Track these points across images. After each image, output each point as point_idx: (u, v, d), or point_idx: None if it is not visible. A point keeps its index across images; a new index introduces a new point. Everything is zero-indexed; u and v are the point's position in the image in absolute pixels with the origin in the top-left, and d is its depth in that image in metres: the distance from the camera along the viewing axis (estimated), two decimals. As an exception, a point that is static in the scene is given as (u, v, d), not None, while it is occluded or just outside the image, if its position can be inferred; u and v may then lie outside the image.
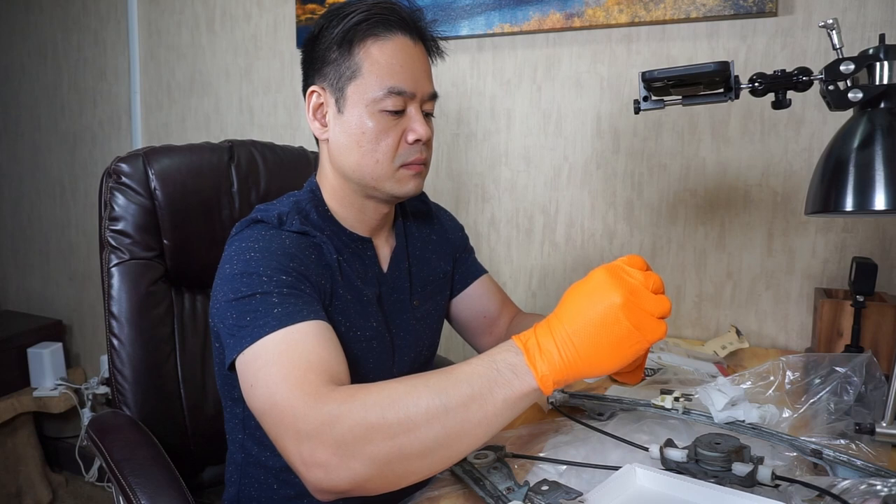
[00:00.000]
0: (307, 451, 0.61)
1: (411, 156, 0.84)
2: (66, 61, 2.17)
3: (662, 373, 1.09)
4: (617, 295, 0.59)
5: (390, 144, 0.82)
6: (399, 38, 0.83)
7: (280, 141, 1.35)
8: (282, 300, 0.72)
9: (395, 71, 0.81)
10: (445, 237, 1.05)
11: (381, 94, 0.81)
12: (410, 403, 0.60)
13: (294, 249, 0.79)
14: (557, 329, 0.60)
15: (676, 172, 1.37)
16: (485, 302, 1.08)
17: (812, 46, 1.24)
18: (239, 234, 0.83)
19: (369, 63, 0.81)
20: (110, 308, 1.02)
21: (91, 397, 2.16)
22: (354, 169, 0.84)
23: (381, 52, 0.81)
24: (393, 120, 0.82)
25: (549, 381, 0.60)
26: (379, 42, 0.82)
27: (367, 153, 0.82)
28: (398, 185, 0.85)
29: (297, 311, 0.72)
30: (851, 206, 0.76)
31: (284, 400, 0.64)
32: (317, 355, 0.69)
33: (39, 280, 2.35)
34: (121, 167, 1.04)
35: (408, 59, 0.83)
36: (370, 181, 0.84)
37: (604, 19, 1.36)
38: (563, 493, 0.66)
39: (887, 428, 0.80)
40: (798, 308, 1.31)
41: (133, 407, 1.02)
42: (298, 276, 0.76)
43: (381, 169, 0.83)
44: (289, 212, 0.84)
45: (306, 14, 1.70)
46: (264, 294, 0.73)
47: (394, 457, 0.60)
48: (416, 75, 0.83)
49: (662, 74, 0.85)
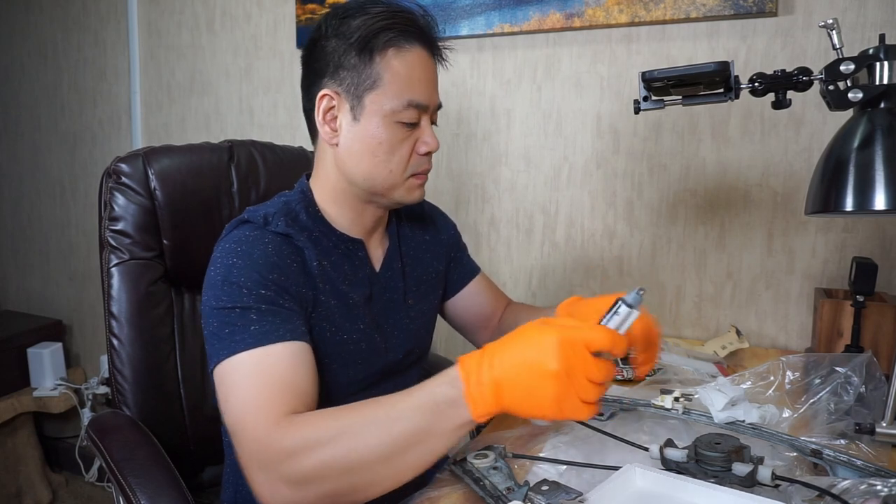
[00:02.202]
0: (265, 480, 0.66)
1: (421, 166, 0.86)
2: (66, 61, 2.17)
3: (662, 373, 1.09)
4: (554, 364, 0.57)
5: (404, 155, 0.84)
6: (418, 51, 0.83)
7: (280, 141, 1.34)
8: (260, 317, 0.74)
9: (414, 84, 0.82)
10: (438, 237, 1.06)
11: (400, 107, 0.81)
12: (362, 444, 0.63)
13: (276, 258, 0.79)
14: (497, 368, 0.60)
15: (676, 172, 1.37)
16: (481, 300, 1.09)
17: (812, 46, 1.24)
18: (227, 237, 0.83)
19: (390, 74, 0.81)
20: (110, 308, 1.02)
21: (91, 397, 2.16)
22: (366, 177, 0.84)
23: (401, 64, 0.82)
24: (407, 132, 0.83)
25: (483, 415, 0.62)
26: (401, 53, 0.82)
27: (381, 163, 0.83)
28: (406, 194, 0.87)
29: (273, 331, 0.74)
30: (851, 206, 0.76)
31: (250, 425, 0.68)
32: (286, 380, 0.71)
33: (39, 280, 2.35)
34: (121, 167, 1.04)
35: (425, 71, 0.84)
36: (380, 189, 0.85)
37: (604, 19, 1.36)
38: (563, 493, 0.66)
39: (887, 428, 0.80)
40: (798, 308, 1.31)
41: (133, 407, 1.02)
42: (279, 289, 0.77)
43: (394, 178, 0.84)
44: (276, 212, 0.84)
45: (306, 14, 1.70)
46: (244, 309, 0.74)
47: (344, 491, 0.65)
48: (430, 88, 0.85)
49: (662, 74, 0.85)
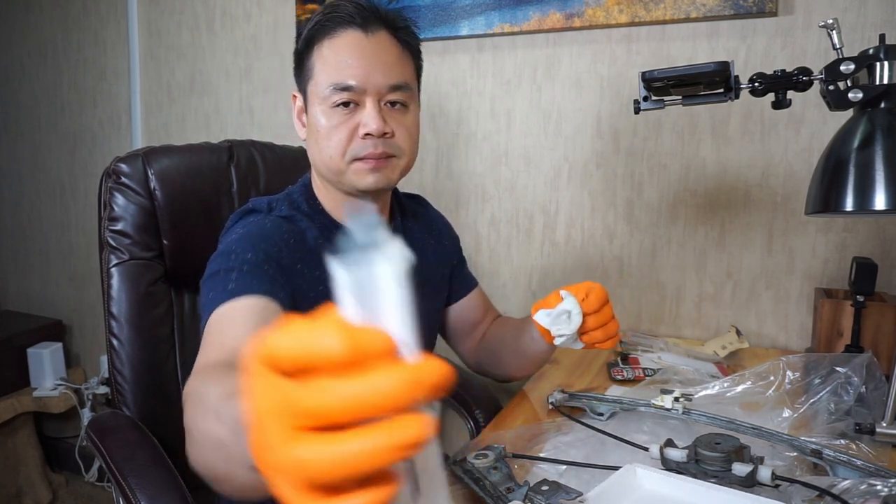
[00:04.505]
0: None
1: (363, 150, 0.83)
2: (66, 61, 2.17)
3: (662, 373, 1.09)
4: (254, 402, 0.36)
5: (341, 140, 0.83)
6: (349, 33, 0.83)
7: (280, 141, 1.35)
8: (239, 276, 0.75)
9: (341, 67, 0.82)
10: (442, 243, 1.07)
11: (327, 92, 0.82)
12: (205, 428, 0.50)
13: (272, 233, 0.82)
14: None
15: (676, 172, 1.37)
16: (475, 312, 1.12)
17: (812, 46, 1.24)
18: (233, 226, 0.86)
19: (321, 63, 0.84)
20: (110, 308, 1.02)
21: (91, 397, 2.16)
22: (318, 164, 0.87)
23: (330, 50, 0.83)
24: (345, 115, 0.83)
25: None
26: (329, 40, 0.83)
27: (323, 149, 0.84)
28: (356, 178, 0.85)
29: (246, 287, 0.74)
30: (851, 206, 0.76)
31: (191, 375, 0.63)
32: (231, 335, 0.69)
33: (39, 280, 2.35)
34: (120, 167, 1.04)
35: (358, 52, 0.82)
36: (330, 175, 0.86)
37: (604, 19, 1.36)
38: (563, 493, 0.66)
39: (887, 428, 0.80)
40: (798, 308, 1.31)
41: (133, 407, 1.02)
42: (267, 257, 0.79)
43: (335, 163, 0.84)
44: (279, 199, 0.88)
45: (306, 14, 1.70)
46: (227, 271, 0.76)
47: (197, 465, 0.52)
48: (367, 68, 0.82)
49: (662, 74, 0.85)
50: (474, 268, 1.59)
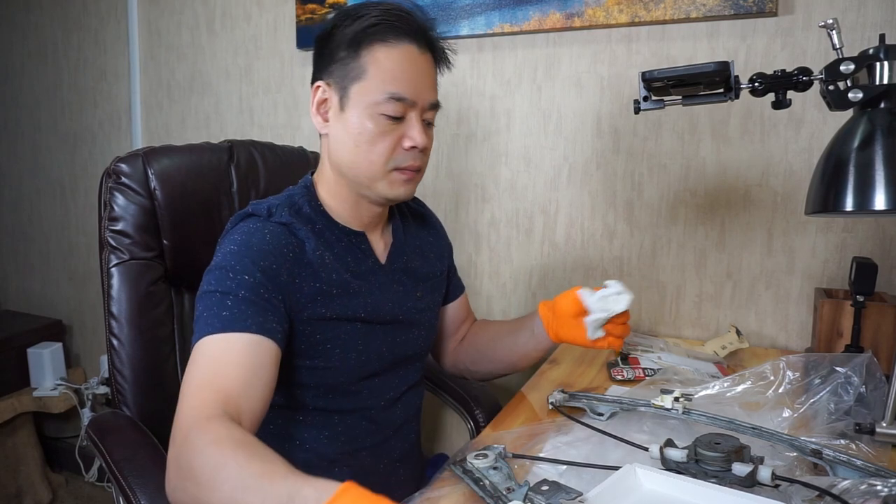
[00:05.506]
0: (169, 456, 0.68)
1: (405, 161, 0.86)
2: (66, 61, 2.17)
3: (662, 373, 1.09)
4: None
5: (386, 147, 0.84)
6: (406, 46, 0.84)
7: (280, 141, 1.35)
8: (235, 303, 0.75)
9: (397, 77, 0.83)
10: (439, 242, 1.08)
11: (381, 98, 0.83)
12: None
13: (272, 246, 0.81)
14: None
15: (676, 172, 1.37)
16: (459, 316, 1.13)
17: (812, 46, 1.24)
18: (232, 230, 0.86)
19: (374, 67, 0.83)
20: (110, 308, 1.02)
21: (91, 397, 2.16)
22: (350, 166, 0.86)
23: (386, 58, 0.83)
24: (391, 124, 0.84)
25: None
26: (386, 47, 0.83)
27: (362, 153, 0.84)
28: (389, 188, 0.87)
29: (241, 319, 0.74)
30: (851, 206, 0.76)
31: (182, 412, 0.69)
32: (227, 376, 0.71)
33: (39, 280, 2.35)
34: (120, 167, 1.04)
35: (412, 67, 0.84)
36: (363, 180, 0.86)
37: (604, 19, 1.36)
38: (563, 493, 0.66)
39: (887, 428, 0.80)
40: (798, 308, 1.31)
41: (133, 407, 1.02)
42: (266, 278, 0.78)
43: (375, 169, 0.85)
44: (279, 204, 0.87)
45: (306, 14, 1.70)
46: (223, 294, 0.76)
47: None
48: (418, 84, 0.85)
49: (662, 74, 0.85)
50: (474, 268, 1.60)
